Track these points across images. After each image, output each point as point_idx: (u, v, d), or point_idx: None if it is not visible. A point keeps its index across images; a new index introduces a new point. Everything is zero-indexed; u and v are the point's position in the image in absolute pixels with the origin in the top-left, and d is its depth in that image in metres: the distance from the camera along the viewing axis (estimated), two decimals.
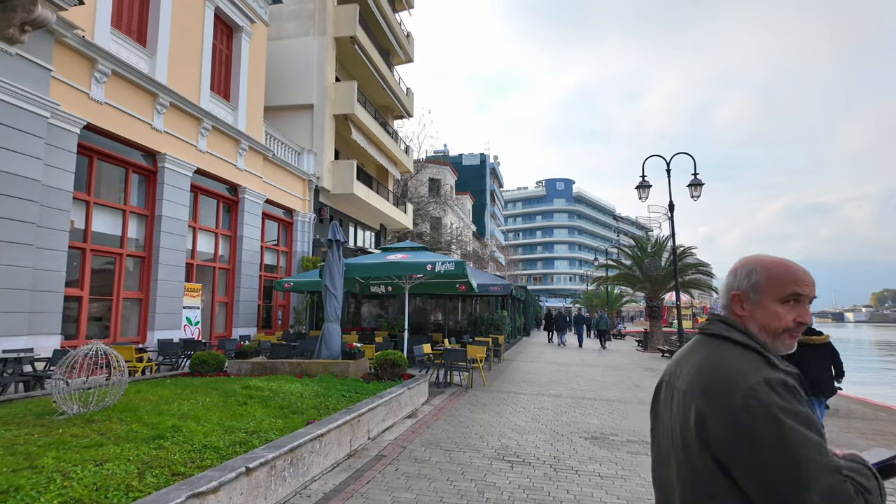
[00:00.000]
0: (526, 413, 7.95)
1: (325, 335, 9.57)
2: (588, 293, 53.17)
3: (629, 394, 10.31)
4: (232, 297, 14.53)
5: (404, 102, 26.87)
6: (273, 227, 17.28)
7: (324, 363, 8.75)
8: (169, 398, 5.58)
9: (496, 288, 13.52)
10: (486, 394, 9.66)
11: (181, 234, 12.12)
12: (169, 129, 11.86)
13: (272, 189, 16.43)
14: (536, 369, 14.17)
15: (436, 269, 9.68)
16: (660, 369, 15.26)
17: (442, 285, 12.52)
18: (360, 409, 5.64)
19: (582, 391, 10.44)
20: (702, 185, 14.98)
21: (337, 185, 19.59)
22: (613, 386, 11.34)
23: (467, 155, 66.51)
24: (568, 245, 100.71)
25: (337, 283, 9.74)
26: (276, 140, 17.01)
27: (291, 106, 19.44)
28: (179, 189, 12.12)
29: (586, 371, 14.17)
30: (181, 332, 12.18)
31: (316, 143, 19.19)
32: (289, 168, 17.30)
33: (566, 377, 12.63)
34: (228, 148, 14.11)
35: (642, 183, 15.35)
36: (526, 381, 11.72)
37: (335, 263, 9.75)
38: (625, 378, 12.84)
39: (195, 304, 12.78)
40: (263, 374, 8.71)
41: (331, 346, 9.48)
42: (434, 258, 9.86)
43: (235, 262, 14.62)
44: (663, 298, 24.70)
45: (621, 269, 25.94)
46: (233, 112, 14.50)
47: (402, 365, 8.60)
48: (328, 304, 9.73)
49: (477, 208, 60.97)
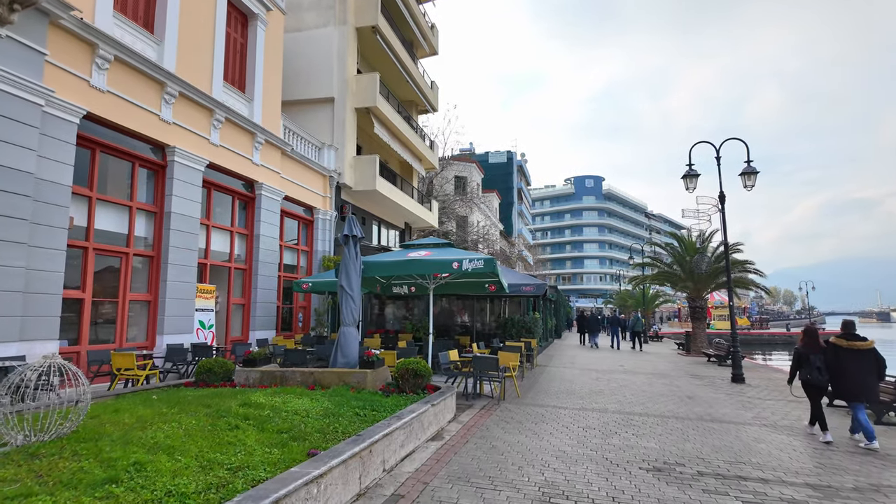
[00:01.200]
0: (570, 434, 6.84)
1: (341, 340, 8.67)
2: (622, 293, 51.27)
3: (683, 407, 9.07)
4: (249, 298, 13.81)
5: (429, 96, 25.94)
6: (293, 226, 16.55)
7: (339, 373, 7.82)
8: (147, 420, 4.70)
9: (529, 288, 12.40)
10: (522, 408, 8.57)
11: (192, 232, 11.41)
12: (178, 120, 11.16)
13: (291, 185, 15.68)
14: (574, 377, 12.99)
15: (462, 266, 8.65)
16: (710, 376, 13.86)
17: (470, 285, 11.49)
18: (373, 436, 4.65)
19: (629, 404, 9.24)
20: (756, 172, 13.52)
21: (359, 182, 18.75)
22: (663, 398, 10.10)
23: (493, 153, 65.20)
24: (598, 244, 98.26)
25: (353, 283, 8.81)
26: (295, 135, 16.27)
27: (311, 100, 18.70)
28: (190, 184, 11.41)
29: (630, 379, 12.91)
30: (193, 337, 11.47)
31: (337, 138, 18.39)
32: (309, 164, 16.54)
33: (609, 387, 11.42)
34: (244, 141, 13.39)
35: (689, 172, 13.97)
36: (564, 391, 10.57)
37: (351, 261, 8.83)
38: (674, 388, 11.56)
39: (209, 307, 12.07)
40: (273, 384, 7.84)
41: (347, 352, 8.57)
42: (461, 255, 8.85)
43: (252, 261, 13.90)
44: (706, 298, 23.07)
45: (661, 266, 24.38)
46: (248, 104, 13.78)
47: (426, 375, 7.60)
48: (344, 307, 8.81)
49: (504, 207, 59.69)
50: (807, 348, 7.17)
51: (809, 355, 7.08)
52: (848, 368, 6.72)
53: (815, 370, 7.00)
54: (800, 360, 7.21)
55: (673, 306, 62.29)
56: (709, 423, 7.84)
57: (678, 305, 59.21)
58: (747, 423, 7.86)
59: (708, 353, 19.37)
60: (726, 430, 7.33)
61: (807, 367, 7.08)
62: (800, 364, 7.21)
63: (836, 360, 6.88)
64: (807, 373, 7.08)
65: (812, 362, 7.02)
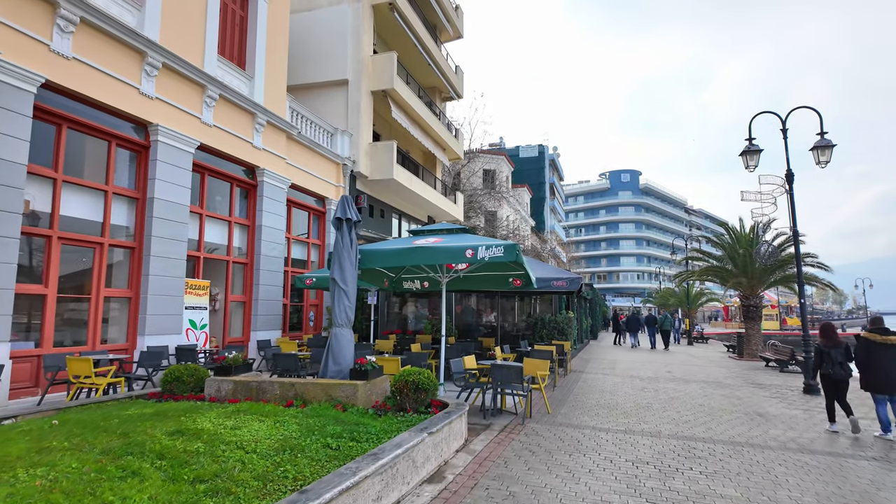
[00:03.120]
0: (615, 471, 5.18)
1: (332, 345, 7.24)
2: (663, 291, 48.45)
3: (757, 430, 7.23)
4: (250, 295, 12.58)
5: (453, 82, 24.38)
6: (302, 217, 15.28)
7: (325, 385, 6.37)
8: (8, 463, 3.32)
9: (561, 283, 10.69)
10: (552, 429, 6.93)
11: (180, 221, 10.21)
12: (163, 95, 9.96)
13: (299, 173, 14.40)
14: (615, 386, 11.22)
15: (478, 255, 7.08)
16: (774, 385, 11.82)
17: (491, 280, 9.89)
18: (324, 493, 3.14)
19: (687, 424, 7.47)
20: (831, 146, 11.42)
21: (375, 171, 17.37)
22: (727, 415, 8.26)
23: (524, 147, 63.05)
24: (635, 241, 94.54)
25: (348, 276, 7.37)
26: (304, 118, 14.99)
27: (324, 83, 17.43)
28: (178, 167, 10.21)
29: (681, 389, 11.06)
30: (182, 338, 10.28)
31: (351, 124, 17.06)
32: (319, 150, 15.24)
33: (658, 399, 9.63)
34: (242, 122, 12.15)
35: (750, 147, 11.95)
36: (604, 405, 8.86)
37: (345, 250, 7.38)
38: (736, 401, 9.67)
39: (201, 305, 10.87)
40: (247, 397, 6.47)
41: (340, 359, 7.13)
42: (477, 241, 7.27)
43: (254, 255, 12.66)
44: (762, 296, 20.71)
45: (709, 261, 22.11)
46: (248, 82, 12.54)
47: (429, 390, 6.07)
48: (336, 304, 7.39)
49: (535, 202, 57.57)
50: (827, 344, 7.40)
51: (830, 351, 7.30)
52: (879, 362, 6.86)
53: (836, 365, 7.23)
54: (821, 356, 7.40)
55: (717, 305, 58.90)
56: (798, 454, 6.03)
57: (722, 304, 55.89)
58: (849, 456, 6.02)
59: (765, 356, 17.17)
60: (827, 468, 5.53)
61: (828, 362, 7.29)
62: (822, 360, 7.40)
63: (868, 355, 7.00)
64: (829, 368, 7.28)
65: (833, 357, 7.25)
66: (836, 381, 7.24)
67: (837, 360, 7.22)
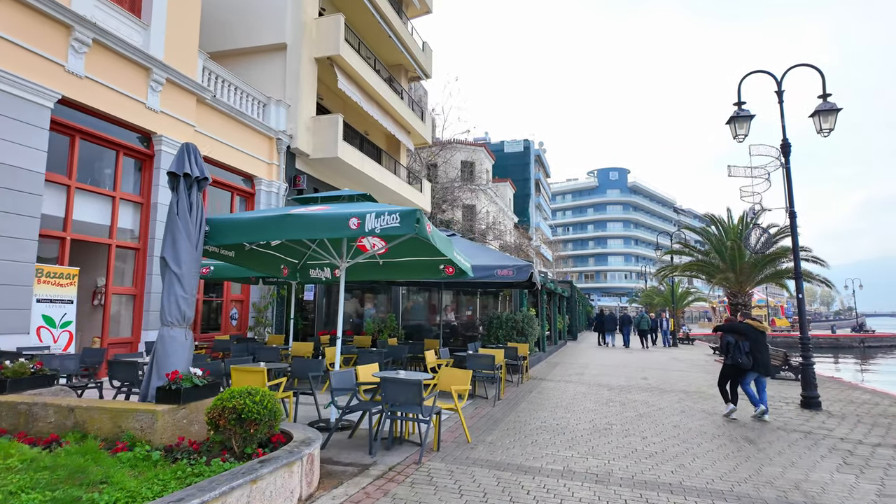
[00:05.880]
0: None
1: (156, 352, 5.18)
2: (648, 290, 46.71)
3: (744, 467, 5.27)
4: (142, 287, 10.45)
5: (419, 59, 22.32)
6: (223, 198, 13.15)
7: (115, 411, 4.33)
8: None
9: (506, 272, 8.58)
10: (457, 473, 4.92)
11: (29, 191, 8.10)
12: (3, 32, 7.85)
13: (218, 146, 12.30)
14: (574, 399, 9.25)
15: (366, 225, 5.08)
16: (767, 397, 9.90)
17: (417, 267, 7.82)
18: None
19: (652, 461, 5.50)
20: (836, 110, 9.53)
21: (318, 148, 15.29)
22: (707, 441, 6.30)
23: (510, 142, 61.15)
24: (623, 240, 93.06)
25: (183, 255, 5.33)
26: (228, 84, 12.88)
27: (259, 48, 15.30)
28: (24, 123, 8.08)
29: (654, 402, 9.11)
30: (33, 337, 8.17)
31: (290, 94, 14.96)
32: (246, 121, 13.14)
33: (621, 418, 7.66)
34: (131, 78, 10.03)
35: (739, 113, 10.02)
36: (550, 428, 6.87)
37: (181, 220, 5.34)
38: (718, 419, 7.72)
39: (64, 297, 8.75)
40: (12, 425, 4.41)
41: (165, 369, 5.08)
42: (368, 208, 5.26)
43: (148, 239, 10.54)
44: (751, 294, 18.89)
45: (694, 255, 20.26)
46: (143, 31, 10.41)
47: (261, 420, 4.04)
48: (166, 294, 5.37)
49: (520, 198, 55.69)
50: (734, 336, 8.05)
51: (739, 343, 7.92)
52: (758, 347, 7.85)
53: (743, 355, 7.82)
54: (729, 347, 8.05)
55: (704, 305, 57.40)
56: None
57: (710, 304, 54.33)
58: None
59: None
60: None
61: (736, 352, 7.90)
62: (729, 350, 8.03)
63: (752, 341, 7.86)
64: (737, 357, 7.88)
65: (742, 348, 7.87)
66: (738, 369, 7.94)
67: (744, 349, 7.85)
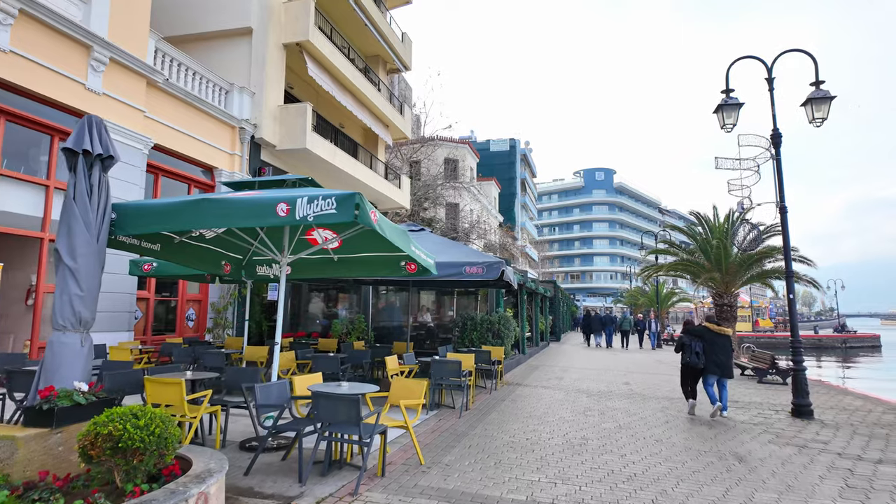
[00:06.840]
0: None
1: (45, 362, 4.34)
2: (633, 291, 46.37)
3: (736, 492, 4.57)
4: None
5: (398, 50, 21.53)
6: (179, 191, 12.24)
7: None
8: None
9: (475, 269, 7.82)
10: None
11: None
12: None
13: (172, 133, 11.41)
14: (550, 407, 8.54)
15: (297, 212, 4.30)
16: (754, 404, 9.30)
17: (375, 263, 7.03)
18: None
19: (629, 485, 4.78)
20: (830, 98, 8.94)
21: (285, 139, 14.42)
22: (693, 460, 5.61)
23: (495, 140, 60.54)
24: (608, 240, 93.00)
25: (80, 248, 4.47)
26: (184, 68, 11.98)
27: (223, 32, 14.39)
28: None
29: (636, 411, 8.44)
30: None
31: (255, 81, 14.08)
32: (204, 108, 12.24)
33: (599, 431, 6.96)
34: (68, 55, 9.12)
35: (727, 101, 9.39)
36: (517, 445, 6.14)
37: (79, 205, 4.49)
38: (704, 430, 7.05)
39: None
40: None
41: (54, 383, 4.24)
42: (301, 193, 4.49)
43: None
44: (737, 294, 18.37)
45: (678, 254, 19.71)
46: (82, 5, 9.49)
47: (145, 450, 3.23)
48: (59, 292, 4.50)
49: (505, 198, 55.16)
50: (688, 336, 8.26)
51: (692, 343, 8.13)
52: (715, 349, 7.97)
53: (694, 354, 8.05)
54: (683, 346, 8.26)
55: (689, 306, 57.28)
56: None
57: (695, 304, 54.23)
58: None
59: (742, 364, 14.81)
60: None
61: (688, 352, 8.14)
62: (683, 349, 8.25)
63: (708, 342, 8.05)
64: (688, 356, 8.14)
65: (692, 348, 8.09)
66: (693, 368, 8.15)
67: (695, 349, 8.01)
